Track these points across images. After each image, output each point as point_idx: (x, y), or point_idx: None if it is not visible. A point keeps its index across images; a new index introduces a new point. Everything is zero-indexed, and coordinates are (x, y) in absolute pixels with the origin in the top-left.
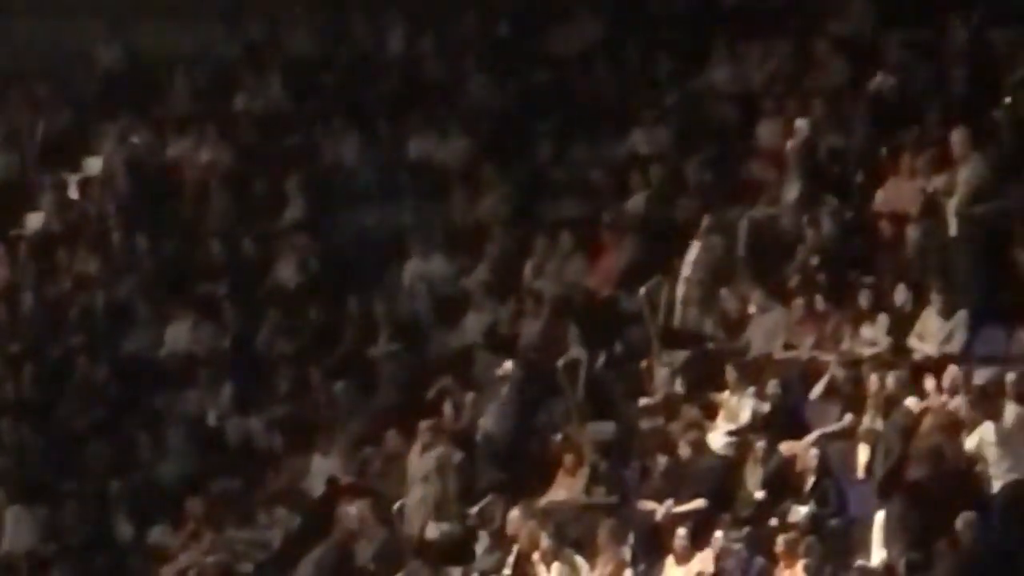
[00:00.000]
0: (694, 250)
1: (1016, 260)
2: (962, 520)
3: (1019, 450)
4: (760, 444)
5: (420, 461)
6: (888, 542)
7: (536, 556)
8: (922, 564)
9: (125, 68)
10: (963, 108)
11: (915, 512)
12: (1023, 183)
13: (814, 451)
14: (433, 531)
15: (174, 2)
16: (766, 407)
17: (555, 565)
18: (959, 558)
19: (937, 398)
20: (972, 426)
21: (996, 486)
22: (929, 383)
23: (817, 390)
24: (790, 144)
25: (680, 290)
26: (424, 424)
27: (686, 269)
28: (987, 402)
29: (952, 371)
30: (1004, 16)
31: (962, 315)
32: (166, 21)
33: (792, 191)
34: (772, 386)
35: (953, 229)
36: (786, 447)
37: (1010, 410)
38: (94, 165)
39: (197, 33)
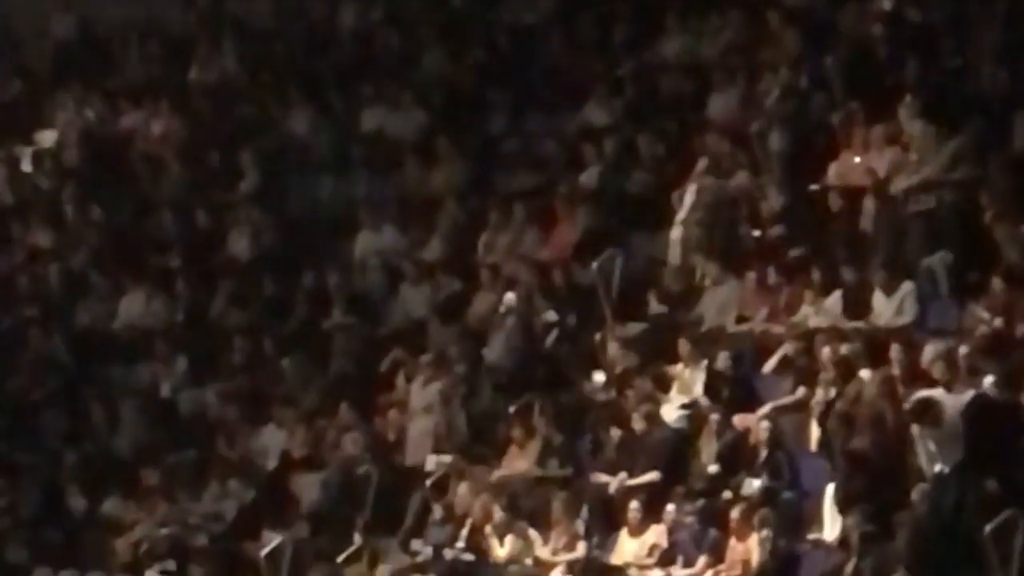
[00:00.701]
0: (690, 194)
1: (987, 231)
2: (917, 491)
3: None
4: (714, 417)
5: (422, 393)
6: (839, 513)
7: (489, 529)
8: (876, 536)
9: (78, 40)
10: (915, 81)
11: (861, 482)
12: (997, 155)
13: (767, 424)
14: (432, 463)
15: None
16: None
17: (508, 538)
18: (914, 529)
19: (888, 371)
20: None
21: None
22: (881, 356)
23: (771, 364)
24: (776, 93)
25: (676, 233)
26: (424, 358)
27: (683, 213)
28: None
29: (903, 344)
30: None
31: (907, 287)
32: None
33: (776, 142)
34: (724, 359)
35: (910, 203)
36: (739, 420)
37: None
38: (47, 137)
39: (150, 4)
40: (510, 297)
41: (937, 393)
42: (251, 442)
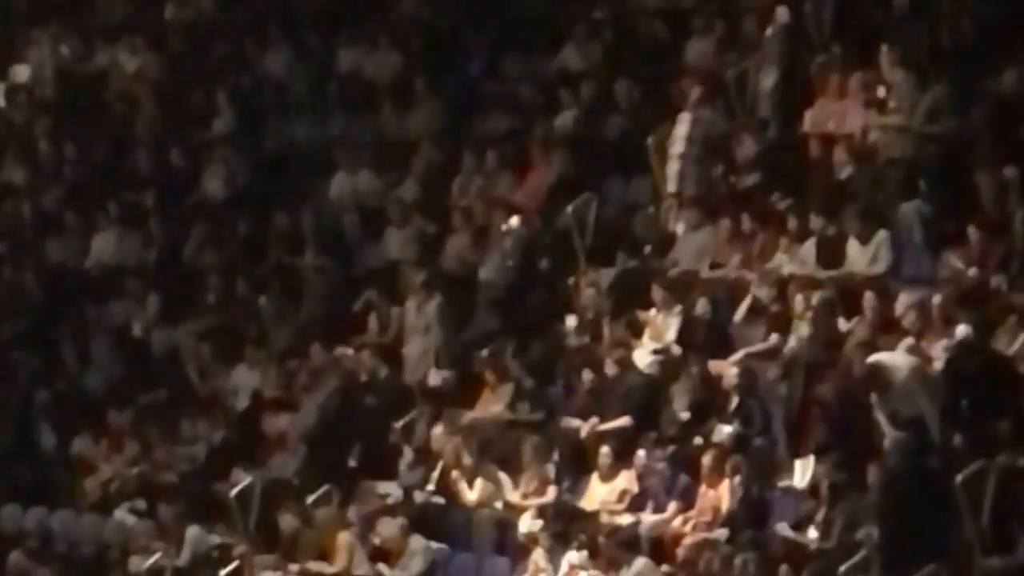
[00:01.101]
0: (684, 124)
1: (963, 181)
2: (889, 441)
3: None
4: (688, 363)
5: (418, 315)
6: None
7: (459, 472)
8: (845, 484)
9: None
10: (892, 27)
11: (824, 431)
12: (982, 103)
13: (739, 370)
14: (435, 378)
15: None
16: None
17: (478, 482)
18: (884, 479)
19: (861, 319)
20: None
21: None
22: (854, 304)
23: (741, 311)
24: (769, 31)
25: (673, 167)
26: (420, 277)
27: (678, 145)
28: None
29: (876, 292)
30: None
31: (882, 236)
32: None
33: (768, 79)
34: (701, 304)
35: (886, 151)
36: (711, 366)
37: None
38: (21, 73)
39: None
40: (514, 220)
41: (886, 356)
42: (222, 382)
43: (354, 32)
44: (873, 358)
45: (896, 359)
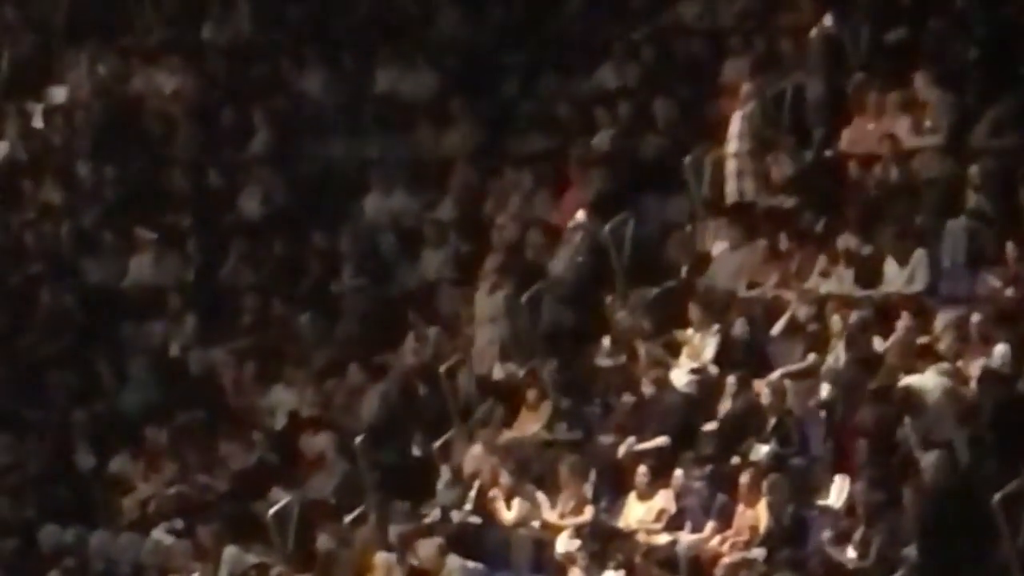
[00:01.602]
0: (736, 122)
1: (1003, 199)
2: (927, 459)
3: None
4: (729, 381)
5: (487, 302)
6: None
7: (496, 492)
8: (883, 504)
9: None
10: (931, 48)
11: (868, 451)
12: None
13: (777, 390)
14: (500, 372)
15: None
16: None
17: (515, 501)
18: (923, 498)
19: (900, 338)
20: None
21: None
22: (892, 323)
23: (778, 327)
24: (814, 32)
25: (731, 164)
26: (490, 264)
27: (731, 144)
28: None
29: (914, 311)
30: None
31: (920, 255)
32: None
33: (813, 92)
34: (739, 325)
35: (931, 169)
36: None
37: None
38: (59, 94)
39: None
40: (580, 215)
41: (917, 379)
42: (260, 401)
43: (391, 52)
44: (904, 381)
45: (927, 381)
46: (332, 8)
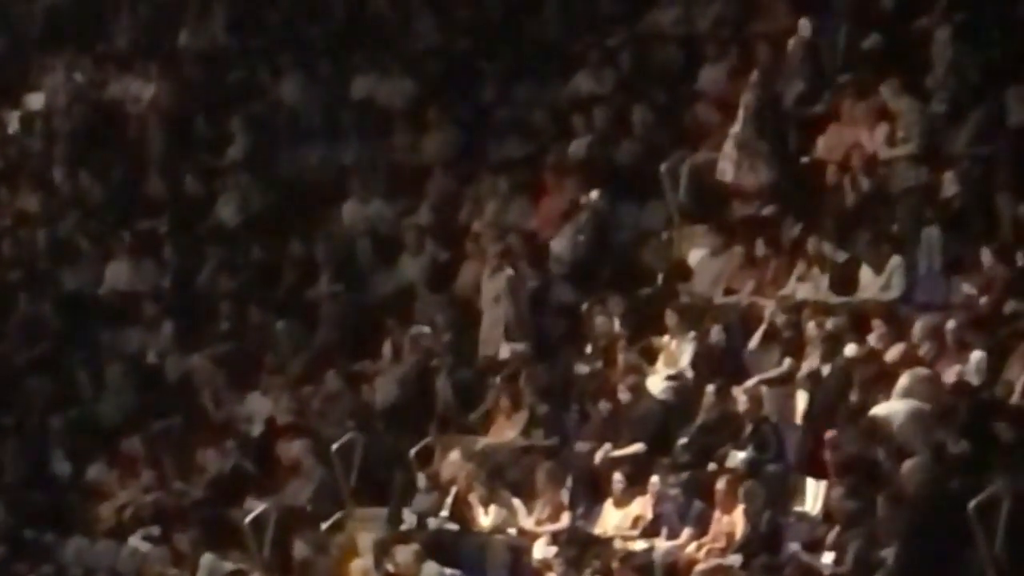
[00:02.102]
0: (741, 113)
1: (977, 207)
2: (906, 467)
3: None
4: (709, 388)
5: (490, 283)
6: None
7: (472, 498)
8: (860, 510)
9: (68, 3)
10: (898, 55)
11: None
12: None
13: (753, 396)
14: (506, 351)
15: None
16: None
17: (492, 507)
18: (897, 503)
19: (876, 345)
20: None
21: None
22: (867, 330)
23: (755, 340)
24: (792, 41)
25: (732, 155)
26: (492, 249)
27: (738, 130)
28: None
29: (889, 318)
30: None
31: (895, 262)
32: None
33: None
34: (716, 332)
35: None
36: (725, 392)
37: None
38: (36, 101)
39: None
40: (594, 194)
41: (883, 409)
42: (237, 408)
43: (367, 59)
44: (872, 412)
45: (894, 408)
46: (308, 14)
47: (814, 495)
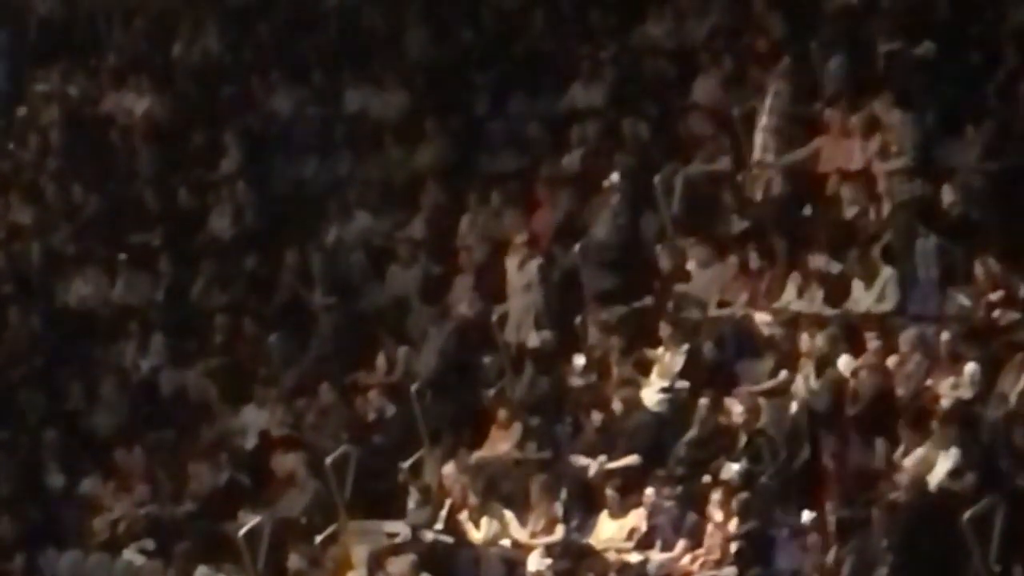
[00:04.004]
0: (768, 98)
1: (971, 219)
2: (898, 479)
3: None
4: (702, 401)
5: (520, 273)
6: (819, 498)
7: (466, 511)
8: (853, 521)
9: (61, 17)
10: (890, 68)
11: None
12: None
13: (747, 408)
14: (535, 339)
15: None
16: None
17: (484, 520)
18: (893, 516)
19: (870, 357)
20: (902, 385)
21: None
22: (861, 342)
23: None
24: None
25: (759, 139)
26: (519, 238)
27: (764, 119)
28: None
29: (883, 330)
30: None
31: (888, 273)
32: None
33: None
34: (710, 347)
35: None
36: (719, 403)
37: None
38: (29, 113)
39: None
40: (615, 177)
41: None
42: (231, 421)
43: (360, 72)
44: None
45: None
46: (301, 28)
47: (809, 507)
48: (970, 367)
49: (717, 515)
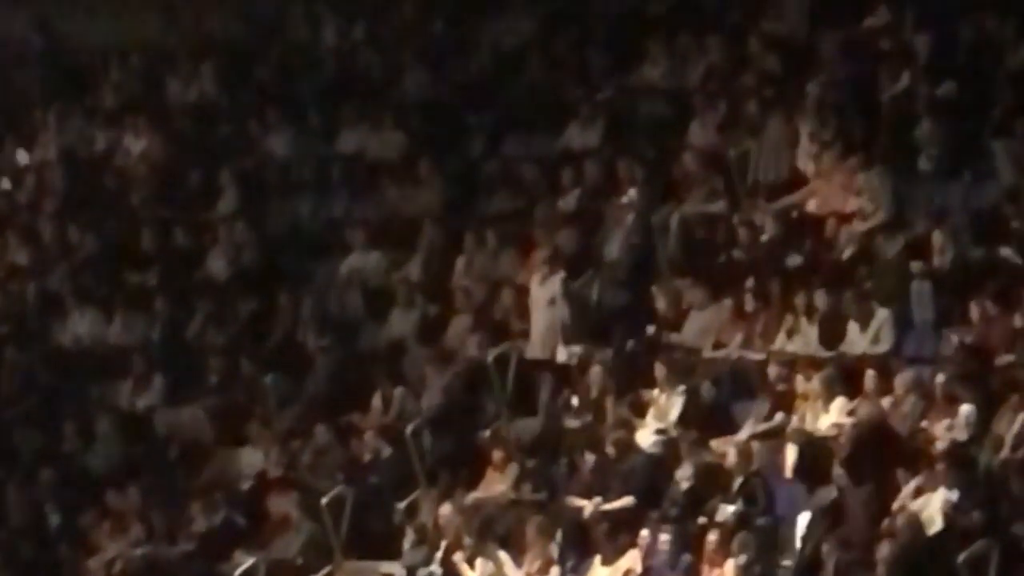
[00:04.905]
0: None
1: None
2: (902, 518)
3: None
4: (688, 442)
5: (543, 289)
6: (815, 539)
7: (460, 552)
8: (851, 563)
9: (58, 58)
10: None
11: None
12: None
13: (742, 450)
14: (563, 354)
15: None
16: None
17: (479, 561)
18: (897, 557)
19: (865, 398)
20: (898, 427)
21: None
22: (858, 384)
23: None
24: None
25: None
26: (541, 255)
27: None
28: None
29: (879, 372)
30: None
31: (883, 315)
32: (100, 11)
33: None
34: (707, 388)
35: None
36: (715, 445)
37: None
38: (26, 155)
39: (130, 24)
40: (632, 193)
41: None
42: (226, 461)
43: (357, 112)
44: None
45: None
46: (297, 68)
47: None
48: (965, 408)
49: (714, 557)
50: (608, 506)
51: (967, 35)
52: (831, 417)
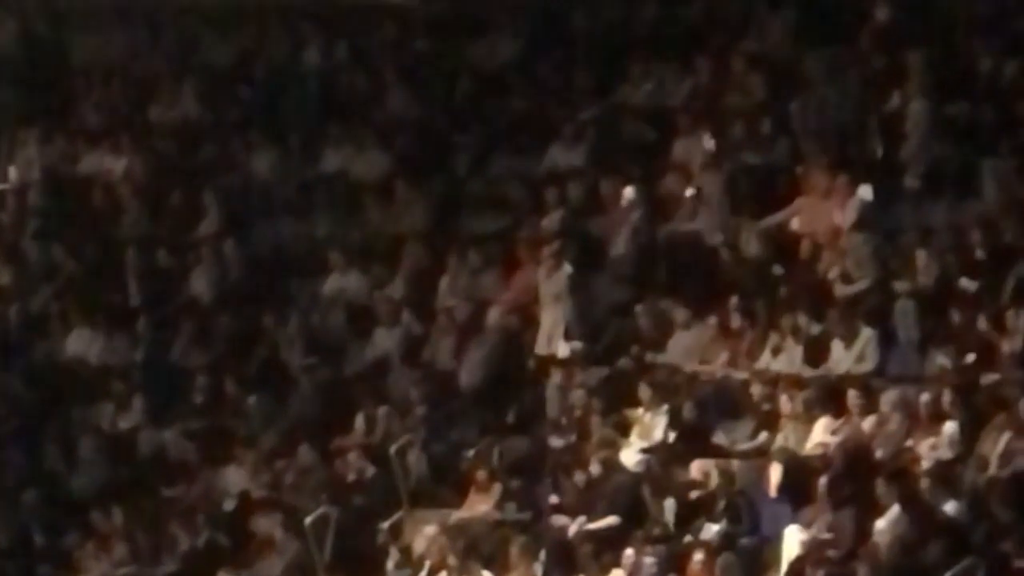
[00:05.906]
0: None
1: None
2: (880, 538)
3: None
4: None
5: (549, 283)
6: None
7: (445, 573)
8: None
9: (40, 78)
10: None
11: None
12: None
13: (726, 469)
14: (564, 349)
15: (92, 12)
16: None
17: None
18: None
19: (850, 417)
20: (882, 446)
21: None
22: (842, 403)
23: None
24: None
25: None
26: (547, 249)
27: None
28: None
29: (863, 391)
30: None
31: (867, 334)
32: (83, 30)
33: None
34: (689, 408)
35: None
36: (699, 465)
37: None
38: (8, 175)
39: (113, 45)
40: (629, 191)
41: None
42: (210, 482)
43: (340, 132)
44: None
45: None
46: (280, 88)
47: (787, 568)
48: (949, 427)
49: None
50: (592, 526)
51: (954, 55)
52: (816, 436)
